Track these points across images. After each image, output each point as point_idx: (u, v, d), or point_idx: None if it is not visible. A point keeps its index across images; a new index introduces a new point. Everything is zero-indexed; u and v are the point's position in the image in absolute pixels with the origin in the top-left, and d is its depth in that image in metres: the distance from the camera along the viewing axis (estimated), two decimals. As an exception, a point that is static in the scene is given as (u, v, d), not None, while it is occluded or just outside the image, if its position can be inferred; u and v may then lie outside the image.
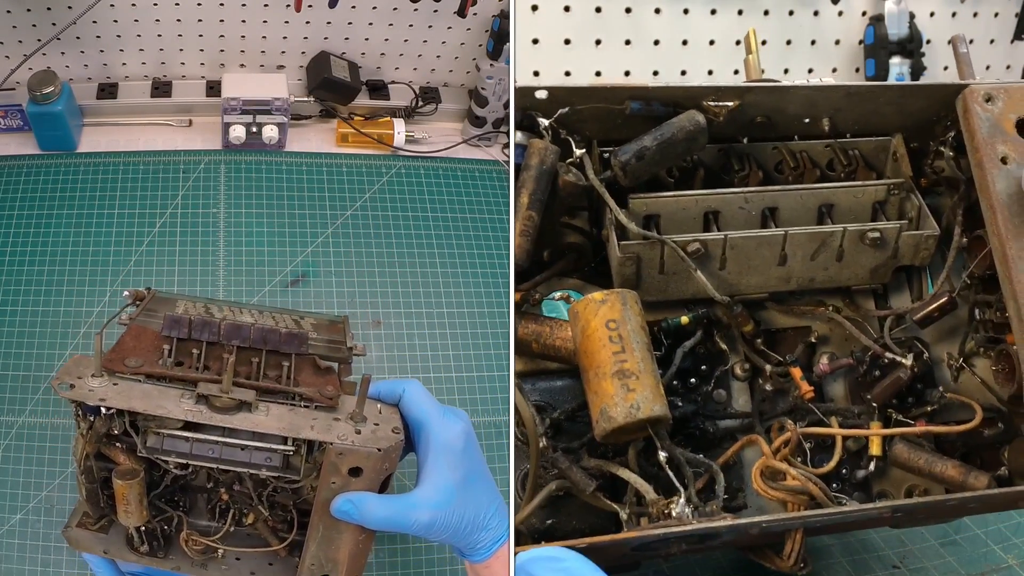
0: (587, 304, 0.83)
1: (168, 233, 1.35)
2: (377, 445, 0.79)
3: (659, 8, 1.46)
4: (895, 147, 0.99)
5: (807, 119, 0.97)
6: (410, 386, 0.87)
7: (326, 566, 0.83)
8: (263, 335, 0.90)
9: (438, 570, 1.14)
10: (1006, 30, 1.63)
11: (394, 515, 0.79)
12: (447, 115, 1.62)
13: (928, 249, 0.93)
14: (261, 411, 0.81)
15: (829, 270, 0.93)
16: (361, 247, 1.39)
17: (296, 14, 1.43)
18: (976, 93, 0.90)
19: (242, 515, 0.89)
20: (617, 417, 0.79)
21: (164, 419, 0.80)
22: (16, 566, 1.03)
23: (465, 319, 1.35)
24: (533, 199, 0.87)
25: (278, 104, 1.45)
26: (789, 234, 0.90)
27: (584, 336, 0.82)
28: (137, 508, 0.81)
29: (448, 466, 0.82)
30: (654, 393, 0.80)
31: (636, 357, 0.81)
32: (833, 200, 0.95)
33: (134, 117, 1.50)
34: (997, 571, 1.16)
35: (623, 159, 0.90)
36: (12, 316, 1.22)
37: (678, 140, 0.90)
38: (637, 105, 0.92)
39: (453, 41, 1.55)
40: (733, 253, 0.90)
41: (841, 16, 1.54)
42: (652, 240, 0.89)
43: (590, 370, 0.81)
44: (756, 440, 0.90)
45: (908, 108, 0.96)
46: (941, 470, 0.89)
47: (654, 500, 0.81)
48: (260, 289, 1.32)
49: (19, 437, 1.12)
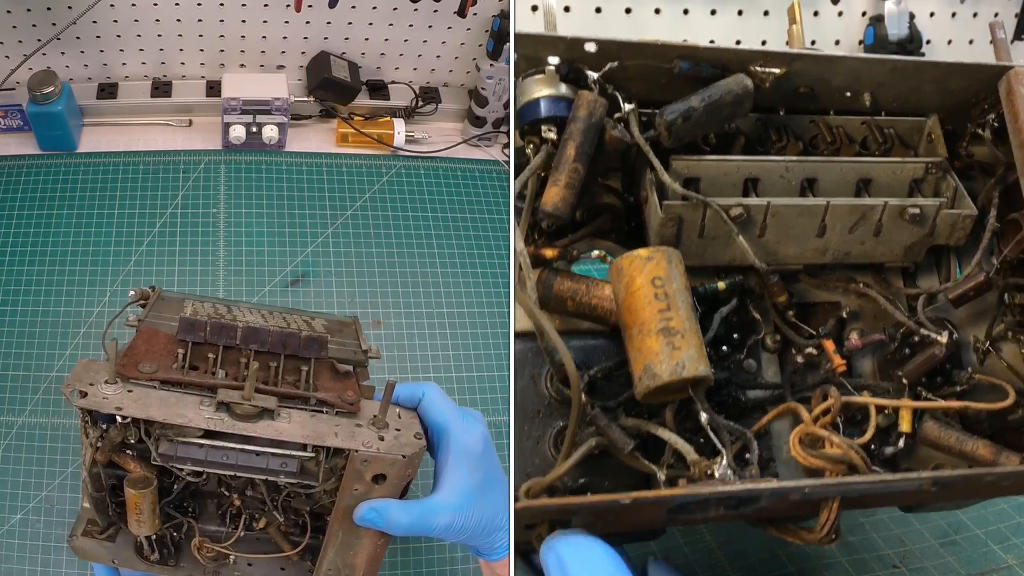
0: (632, 260, 0.81)
1: (168, 233, 1.35)
2: (401, 452, 0.78)
3: (659, 8, 1.46)
4: (931, 128, 0.99)
5: (848, 93, 0.96)
6: (429, 390, 0.87)
7: (343, 572, 0.82)
8: (282, 339, 0.88)
9: (450, 569, 1.14)
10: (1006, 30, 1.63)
11: (416, 521, 0.79)
12: (447, 115, 1.62)
13: (964, 229, 0.93)
14: (283, 418, 0.79)
15: (865, 244, 0.93)
16: (361, 247, 1.39)
17: (296, 14, 1.44)
18: (1021, 75, 0.91)
19: (253, 520, 0.88)
20: (662, 374, 0.77)
21: (184, 429, 0.77)
22: (16, 566, 1.03)
23: (465, 319, 1.35)
24: (580, 152, 0.85)
25: (278, 104, 1.45)
26: (831, 205, 0.90)
27: (628, 292, 0.81)
28: (150, 518, 0.80)
29: (467, 470, 0.83)
30: (699, 353, 0.78)
31: (681, 316, 0.79)
32: (872, 175, 0.95)
33: (134, 117, 1.50)
34: (997, 571, 1.16)
35: (669, 118, 0.88)
36: (12, 316, 1.22)
37: (725, 103, 0.89)
38: (686, 64, 0.90)
39: (453, 41, 1.55)
40: (774, 221, 0.90)
41: (841, 16, 1.54)
42: (696, 201, 0.87)
43: (633, 327, 0.80)
44: (795, 408, 0.88)
45: (949, 87, 0.95)
46: (972, 449, 0.88)
47: (696, 460, 0.79)
48: (260, 289, 1.32)
49: (19, 437, 1.12)
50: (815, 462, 0.83)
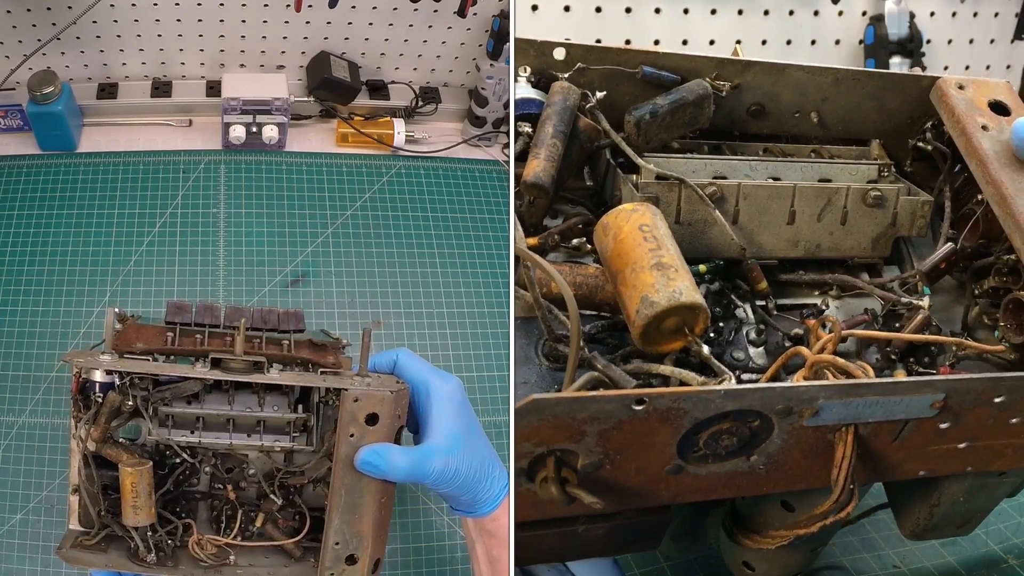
0: (618, 213, 0.83)
1: (168, 233, 1.35)
2: (389, 389, 0.81)
3: (659, 8, 1.46)
4: (876, 153, 1.05)
5: (797, 112, 1.03)
6: (401, 353, 0.90)
7: (351, 543, 0.83)
8: (263, 315, 0.92)
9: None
10: (1006, 30, 1.63)
11: (414, 464, 0.81)
12: (447, 115, 1.62)
13: (924, 217, 0.98)
14: (274, 372, 0.84)
15: (834, 235, 0.97)
16: (361, 247, 1.39)
17: (296, 14, 1.43)
18: (949, 82, 1.00)
19: (249, 520, 0.89)
20: (660, 301, 0.77)
21: (183, 387, 0.82)
22: (16, 566, 1.03)
23: (465, 319, 1.35)
24: (556, 130, 0.89)
25: (278, 104, 1.45)
26: (798, 187, 0.95)
27: (617, 241, 0.82)
28: (147, 502, 0.81)
29: (452, 415, 0.85)
30: (694, 285, 0.79)
31: (672, 254, 0.80)
32: (831, 175, 1.00)
33: (134, 117, 1.50)
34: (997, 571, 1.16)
35: (637, 115, 0.93)
36: (12, 316, 1.22)
37: (688, 103, 0.95)
38: (649, 70, 0.96)
39: (453, 41, 1.55)
40: (746, 204, 0.94)
41: (841, 16, 1.54)
42: (671, 180, 0.91)
43: (627, 268, 0.80)
44: (799, 351, 0.87)
45: (888, 104, 1.03)
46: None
47: (703, 381, 0.78)
48: (260, 289, 1.32)
49: (19, 437, 1.12)
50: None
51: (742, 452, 0.79)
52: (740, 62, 0.98)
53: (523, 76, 0.95)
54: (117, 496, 0.82)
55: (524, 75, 0.95)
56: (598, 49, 0.95)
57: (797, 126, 1.04)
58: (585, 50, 0.94)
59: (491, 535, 0.88)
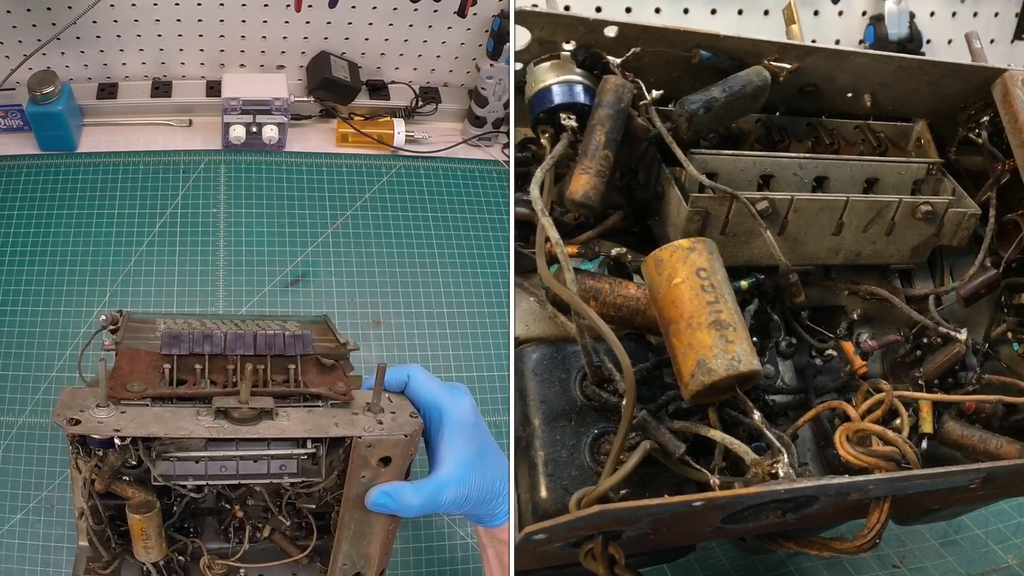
0: (674, 251, 0.77)
1: (168, 233, 1.35)
2: (403, 432, 0.78)
3: (659, 8, 1.46)
4: (919, 133, 0.99)
5: (850, 93, 0.96)
6: (413, 371, 0.88)
7: (358, 563, 0.82)
8: (267, 341, 0.88)
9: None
10: (1006, 30, 1.63)
11: (427, 500, 0.80)
12: (447, 115, 1.62)
13: (967, 229, 0.93)
14: (282, 417, 0.78)
15: (876, 244, 0.92)
16: (361, 247, 1.39)
17: (296, 14, 1.43)
18: (1016, 77, 0.92)
19: (256, 529, 0.87)
20: (718, 369, 0.73)
21: (186, 441, 0.75)
22: (16, 566, 1.03)
23: (465, 319, 1.35)
24: (609, 139, 0.80)
25: (278, 104, 1.45)
26: (851, 201, 0.89)
27: (671, 285, 0.76)
28: (157, 542, 0.79)
29: (464, 442, 0.84)
30: (751, 346, 0.74)
31: (730, 308, 0.75)
32: (879, 175, 0.95)
33: (134, 117, 1.50)
34: (997, 571, 1.16)
35: (691, 108, 0.85)
36: (12, 316, 1.22)
37: (745, 95, 0.87)
38: (707, 54, 0.88)
39: (453, 41, 1.55)
40: (795, 217, 0.88)
41: (841, 16, 1.54)
42: (723, 195, 0.84)
43: (680, 321, 0.75)
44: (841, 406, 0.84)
45: (943, 90, 0.96)
46: (996, 447, 0.87)
47: (757, 460, 0.74)
48: (260, 289, 1.32)
49: (19, 437, 1.12)
50: (868, 460, 0.79)
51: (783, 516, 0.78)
52: (803, 47, 0.91)
53: (567, 50, 0.84)
54: (126, 528, 0.80)
55: (568, 48, 0.84)
56: (653, 30, 0.86)
57: (847, 105, 0.98)
58: (640, 30, 0.85)
59: (502, 542, 0.87)
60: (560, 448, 0.79)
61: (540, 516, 0.78)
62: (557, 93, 0.84)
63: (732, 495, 0.70)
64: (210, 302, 1.29)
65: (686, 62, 0.88)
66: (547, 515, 0.77)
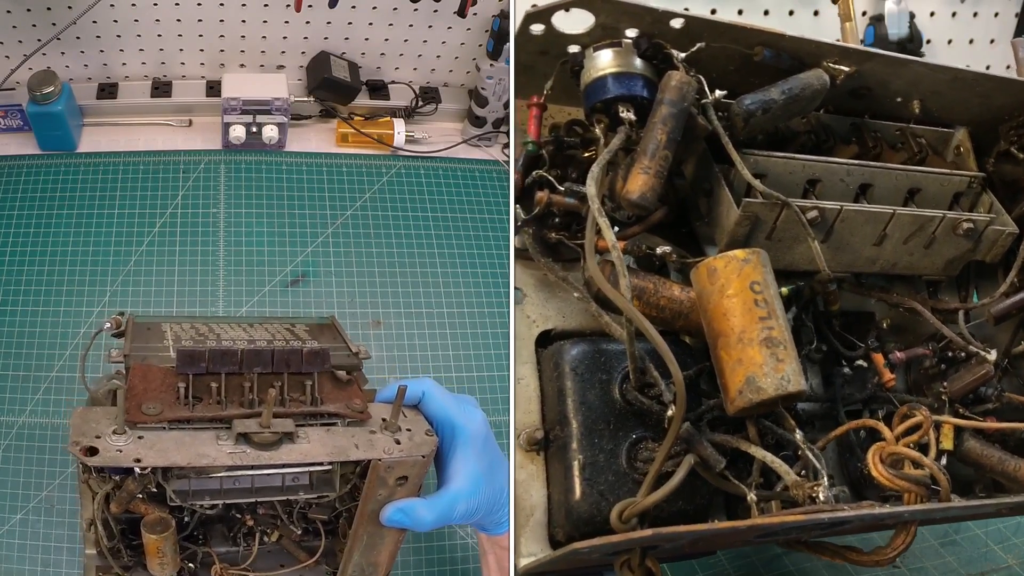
0: (729, 261, 0.76)
1: (168, 233, 1.35)
2: (421, 452, 0.78)
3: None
4: (960, 140, 0.99)
5: (900, 98, 0.96)
6: (427, 387, 0.88)
7: (367, 571, 0.83)
8: (284, 358, 0.85)
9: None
10: (1006, 30, 1.62)
11: (440, 515, 0.80)
12: (447, 115, 1.62)
13: (1003, 246, 0.93)
14: (302, 439, 0.77)
15: (913, 256, 0.91)
16: (361, 247, 1.39)
17: (296, 14, 1.43)
18: None
19: (265, 534, 0.87)
20: (767, 388, 0.72)
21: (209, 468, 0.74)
22: (16, 566, 1.03)
23: (465, 319, 1.35)
24: (670, 139, 0.78)
25: (278, 104, 1.45)
26: (897, 214, 0.88)
27: (724, 296, 0.75)
28: (173, 558, 0.78)
29: (476, 457, 0.84)
30: (799, 365, 0.74)
31: (781, 325, 0.74)
32: (922, 185, 0.94)
33: (134, 117, 1.50)
34: (997, 571, 1.16)
35: (750, 108, 0.83)
36: (12, 316, 1.22)
37: (803, 98, 0.85)
38: (770, 53, 0.86)
39: (453, 41, 1.55)
40: (841, 226, 0.87)
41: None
42: (775, 201, 0.83)
43: (731, 335, 0.75)
44: (875, 425, 0.84)
45: (994, 102, 0.96)
46: (1014, 469, 0.88)
47: (797, 482, 0.74)
48: (260, 289, 1.32)
49: (19, 437, 1.12)
50: (900, 483, 0.78)
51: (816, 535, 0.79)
52: (864, 51, 0.90)
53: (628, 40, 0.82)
54: (139, 541, 0.79)
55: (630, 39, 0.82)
56: (719, 25, 0.84)
57: (895, 109, 0.97)
58: (706, 24, 0.83)
59: (503, 548, 0.88)
60: (598, 452, 0.78)
61: (573, 519, 0.78)
62: (617, 84, 0.81)
63: (778, 522, 0.69)
64: (210, 302, 1.29)
65: (745, 59, 0.87)
66: (580, 519, 0.77)
